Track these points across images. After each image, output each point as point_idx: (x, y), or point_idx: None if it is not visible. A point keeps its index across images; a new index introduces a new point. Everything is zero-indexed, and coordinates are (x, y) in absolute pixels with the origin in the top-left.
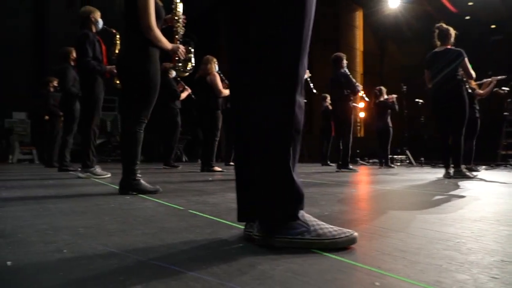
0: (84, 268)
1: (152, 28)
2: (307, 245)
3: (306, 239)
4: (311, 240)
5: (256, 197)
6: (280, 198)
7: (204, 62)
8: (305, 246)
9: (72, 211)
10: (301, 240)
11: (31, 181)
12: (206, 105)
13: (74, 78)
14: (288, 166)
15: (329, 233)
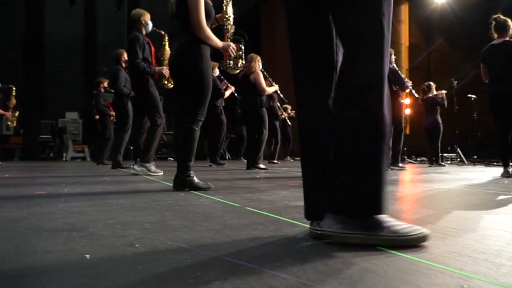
0: (159, 263)
1: (202, 26)
2: (381, 241)
3: (380, 236)
4: (385, 237)
5: (336, 192)
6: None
7: (248, 60)
8: (379, 243)
9: (133, 207)
10: (376, 236)
11: (88, 178)
12: (250, 103)
13: (126, 79)
14: (381, 163)
15: (402, 230)
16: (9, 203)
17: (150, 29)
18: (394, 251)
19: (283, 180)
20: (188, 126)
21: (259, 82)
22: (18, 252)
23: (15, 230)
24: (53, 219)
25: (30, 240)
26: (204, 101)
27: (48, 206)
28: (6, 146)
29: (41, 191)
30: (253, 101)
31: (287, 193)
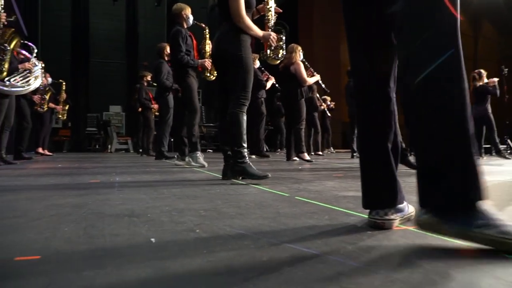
0: (223, 248)
1: (241, 16)
2: (486, 242)
3: (486, 234)
4: (492, 237)
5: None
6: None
7: (289, 51)
8: (483, 242)
9: (185, 195)
10: (480, 234)
11: (135, 168)
12: (290, 94)
13: (168, 72)
14: (471, 148)
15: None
16: (68, 191)
17: (191, 22)
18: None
19: (326, 171)
20: (233, 111)
21: (300, 73)
22: (88, 235)
23: (79, 215)
24: (112, 205)
25: (95, 224)
26: (247, 86)
27: (104, 193)
28: (55, 138)
29: (94, 179)
30: (293, 92)
31: (333, 183)
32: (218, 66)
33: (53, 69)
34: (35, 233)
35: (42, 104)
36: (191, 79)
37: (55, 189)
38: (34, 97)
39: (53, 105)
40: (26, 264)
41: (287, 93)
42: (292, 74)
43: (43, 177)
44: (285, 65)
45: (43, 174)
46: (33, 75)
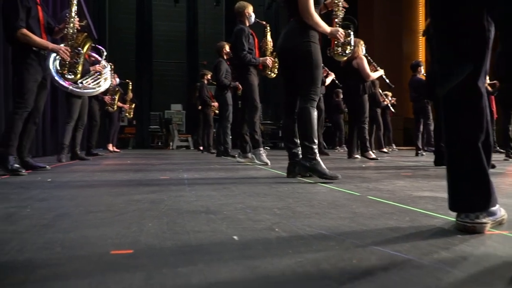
0: (308, 248)
1: (310, 12)
2: None
3: None
4: None
5: None
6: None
7: None
8: None
9: (254, 193)
10: None
11: (199, 165)
12: (352, 89)
13: (226, 70)
14: None
15: None
16: (142, 186)
17: (253, 20)
18: None
19: (392, 170)
20: (304, 106)
21: (363, 68)
22: (172, 231)
23: (159, 211)
24: (187, 202)
25: (176, 220)
26: (316, 82)
27: (176, 190)
28: (121, 136)
29: (164, 176)
30: (355, 87)
31: (404, 183)
32: (285, 63)
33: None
34: (122, 227)
35: (112, 104)
36: (252, 76)
37: (130, 184)
38: (105, 98)
39: (121, 104)
40: (121, 257)
41: (349, 89)
42: (355, 69)
43: (117, 173)
44: (347, 59)
45: (116, 170)
46: (103, 76)
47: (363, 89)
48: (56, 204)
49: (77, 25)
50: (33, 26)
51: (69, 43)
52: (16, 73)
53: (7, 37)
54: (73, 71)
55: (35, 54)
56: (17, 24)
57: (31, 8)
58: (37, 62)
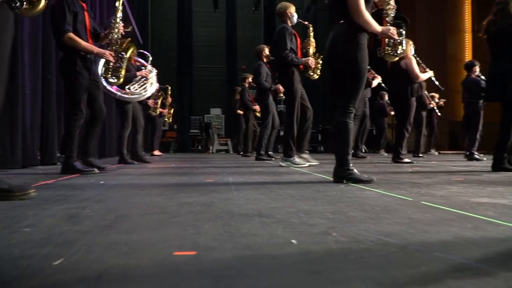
0: (371, 254)
1: (361, 10)
2: None
3: None
4: None
5: None
6: None
7: None
8: None
9: (302, 197)
10: None
11: (242, 168)
12: (400, 91)
13: (266, 74)
14: None
15: None
16: (190, 189)
17: (295, 21)
18: None
19: (442, 175)
20: (342, 120)
21: (412, 68)
22: (229, 233)
23: (212, 213)
24: (237, 205)
25: (230, 223)
26: (356, 93)
27: (224, 193)
28: (163, 140)
29: (209, 179)
30: (403, 89)
31: (457, 188)
32: (331, 68)
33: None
34: (180, 229)
35: (155, 108)
36: (295, 78)
37: (179, 187)
38: (149, 102)
39: (160, 109)
40: (186, 259)
41: (396, 91)
42: (403, 70)
43: (163, 176)
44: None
45: (163, 174)
46: (149, 81)
47: (411, 91)
48: (112, 205)
49: (122, 30)
50: (80, 30)
51: (113, 48)
52: (67, 82)
53: (56, 41)
54: (116, 75)
55: (82, 59)
56: (64, 28)
57: (78, 13)
58: (85, 68)
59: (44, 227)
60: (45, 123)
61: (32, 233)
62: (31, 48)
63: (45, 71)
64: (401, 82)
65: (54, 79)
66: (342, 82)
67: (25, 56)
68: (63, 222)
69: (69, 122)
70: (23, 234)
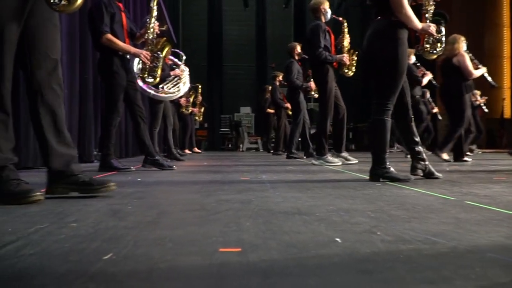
0: (420, 253)
1: (403, 6)
2: None
3: None
4: None
5: None
6: None
7: (451, 41)
8: None
9: (340, 195)
10: None
11: (274, 166)
12: (451, 89)
13: (298, 71)
14: None
15: None
16: (226, 187)
17: (329, 17)
18: None
19: (482, 174)
20: (378, 118)
21: (465, 65)
22: (271, 230)
23: (251, 211)
24: (274, 202)
25: (271, 220)
26: (395, 90)
27: (261, 190)
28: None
29: (244, 177)
30: (455, 86)
31: (501, 187)
32: (368, 65)
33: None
34: (222, 226)
35: (187, 107)
36: (329, 76)
37: (214, 185)
38: (181, 101)
39: (191, 108)
40: (232, 255)
41: (448, 88)
42: (455, 67)
43: (197, 173)
44: (446, 57)
45: (196, 171)
46: (182, 80)
47: (464, 88)
48: (153, 202)
49: (157, 30)
50: (117, 31)
51: (149, 48)
52: (105, 82)
53: (94, 42)
54: (153, 74)
55: (119, 59)
56: (102, 28)
57: (115, 14)
58: (122, 67)
59: (90, 223)
60: (82, 122)
61: (79, 228)
62: (69, 49)
63: (82, 71)
64: (453, 79)
65: (91, 79)
66: (381, 79)
67: (63, 56)
68: (107, 217)
69: (106, 121)
70: (70, 229)
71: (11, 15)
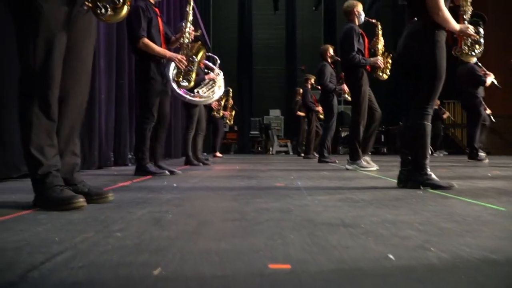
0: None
1: (440, 7)
2: None
3: None
4: None
5: None
6: None
7: None
8: None
9: (381, 204)
10: None
11: (307, 171)
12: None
13: (331, 74)
14: None
15: None
16: (263, 194)
17: (363, 19)
18: None
19: None
20: (418, 122)
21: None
22: (318, 245)
23: (293, 221)
24: (315, 212)
25: (315, 232)
26: (434, 94)
27: (298, 198)
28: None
29: (278, 183)
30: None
31: None
32: (404, 68)
33: None
34: (266, 238)
35: (218, 110)
36: (363, 80)
37: (251, 191)
38: (213, 104)
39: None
40: (283, 273)
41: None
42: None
43: (231, 179)
44: None
45: (230, 176)
46: (217, 84)
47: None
48: (192, 210)
49: (192, 34)
50: (154, 36)
51: (184, 52)
52: (140, 87)
53: (131, 46)
54: (187, 78)
55: (156, 64)
56: (139, 33)
57: (152, 19)
58: (158, 73)
59: (134, 232)
60: (118, 125)
61: (125, 238)
62: (106, 55)
63: (118, 77)
64: None
65: (126, 84)
66: (419, 83)
67: (101, 62)
68: (150, 226)
69: (141, 125)
70: (116, 239)
71: (59, 26)
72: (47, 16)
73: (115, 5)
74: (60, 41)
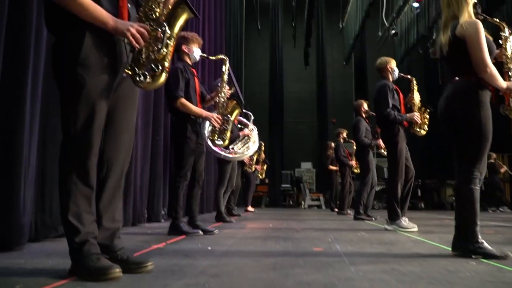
0: None
1: (488, 64)
2: None
3: None
4: None
5: None
6: None
7: None
8: None
9: (432, 278)
10: None
11: (344, 232)
12: None
13: (366, 129)
14: None
15: None
16: (301, 261)
17: (397, 76)
18: None
19: None
20: (464, 187)
21: None
22: None
23: None
24: None
25: None
26: (481, 157)
27: (340, 269)
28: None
29: (316, 247)
30: None
31: None
32: (448, 128)
33: None
34: None
35: (251, 165)
36: (400, 136)
37: (288, 258)
38: (245, 159)
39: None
40: None
41: None
42: None
43: (267, 241)
44: None
45: (265, 237)
46: (251, 139)
47: None
48: (231, 283)
49: (228, 93)
50: (191, 96)
51: (219, 111)
52: (176, 145)
53: (169, 105)
54: (222, 137)
55: (192, 124)
56: (177, 93)
57: (190, 80)
58: (194, 132)
59: None
60: (152, 182)
61: None
62: (144, 112)
63: (154, 133)
64: None
65: (162, 140)
66: (463, 144)
67: (139, 122)
68: None
69: (175, 184)
70: None
71: (100, 95)
72: (89, 86)
73: (154, 73)
74: (100, 110)
